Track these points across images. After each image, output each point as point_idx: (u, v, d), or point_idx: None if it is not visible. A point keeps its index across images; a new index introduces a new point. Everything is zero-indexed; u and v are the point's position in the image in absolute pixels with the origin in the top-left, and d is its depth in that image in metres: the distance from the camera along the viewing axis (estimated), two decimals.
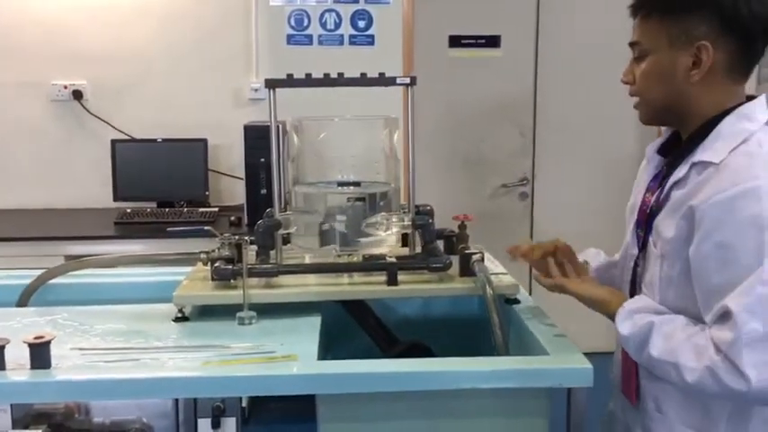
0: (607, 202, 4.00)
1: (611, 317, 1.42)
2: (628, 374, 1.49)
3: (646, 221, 1.43)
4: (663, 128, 1.53)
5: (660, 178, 1.44)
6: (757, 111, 1.35)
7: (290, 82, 1.79)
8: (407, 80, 1.82)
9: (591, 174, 4.08)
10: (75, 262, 2.00)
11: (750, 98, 1.37)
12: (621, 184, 4.42)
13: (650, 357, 1.32)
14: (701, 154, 1.34)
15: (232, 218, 3.40)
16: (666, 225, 1.36)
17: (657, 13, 1.35)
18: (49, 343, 1.40)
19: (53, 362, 1.41)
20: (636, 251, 1.46)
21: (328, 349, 1.77)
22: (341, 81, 1.79)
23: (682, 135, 1.44)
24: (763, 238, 1.22)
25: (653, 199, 1.42)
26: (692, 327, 1.30)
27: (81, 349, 1.53)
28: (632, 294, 1.46)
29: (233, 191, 3.78)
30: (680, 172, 1.36)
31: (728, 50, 1.32)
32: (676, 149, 1.44)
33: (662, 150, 1.49)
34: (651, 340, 1.32)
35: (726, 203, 1.24)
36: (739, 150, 1.30)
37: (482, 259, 1.78)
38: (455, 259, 1.82)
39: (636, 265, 1.46)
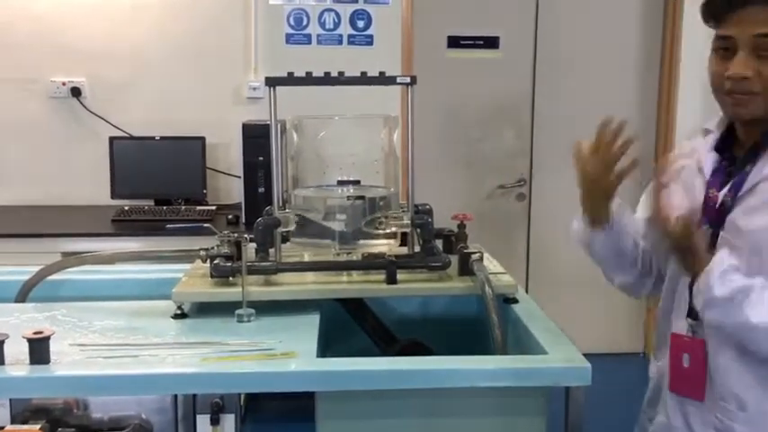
0: None
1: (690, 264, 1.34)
2: (695, 373, 1.41)
3: (717, 217, 1.39)
4: (711, 125, 1.49)
5: (723, 174, 1.42)
6: None
7: (290, 80, 1.79)
8: (408, 79, 1.82)
9: None
10: (74, 258, 1.99)
11: None
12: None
13: (747, 323, 1.27)
14: None
15: (229, 216, 3.40)
16: (757, 218, 1.32)
17: None
18: (48, 338, 1.41)
19: (52, 357, 1.41)
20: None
21: (327, 347, 1.77)
22: (342, 80, 1.79)
23: (750, 132, 1.40)
24: None
25: (721, 195, 1.39)
26: None
27: (80, 345, 1.53)
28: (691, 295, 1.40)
29: (230, 189, 3.78)
30: (766, 166, 1.34)
31: None
32: (731, 144, 1.43)
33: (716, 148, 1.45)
34: (748, 304, 1.27)
35: None
36: None
37: (481, 259, 1.79)
38: (453, 258, 1.82)
39: None
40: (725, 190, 1.40)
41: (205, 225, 1.94)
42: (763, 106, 1.34)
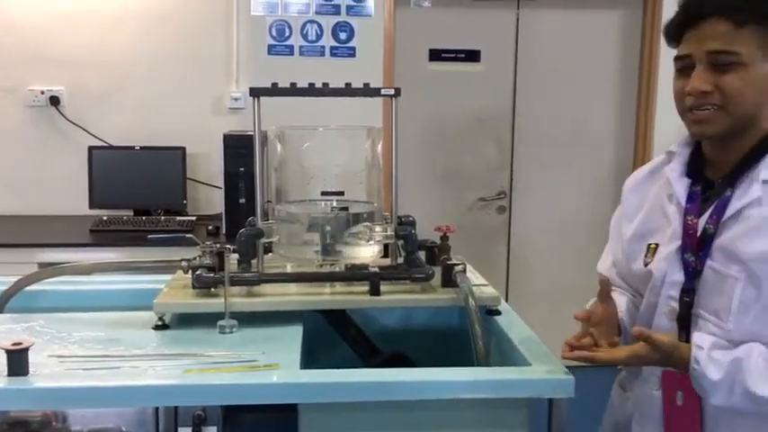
0: (584, 216, 4.06)
1: (675, 364, 1.30)
2: (690, 410, 1.36)
3: (699, 245, 1.35)
4: (678, 147, 1.47)
5: (699, 200, 1.38)
6: None
7: (274, 91, 1.79)
8: (392, 91, 1.83)
9: (568, 188, 4.13)
10: (53, 268, 1.97)
11: None
12: (598, 198, 4.49)
13: (752, 396, 1.24)
14: None
15: (210, 227, 3.38)
16: (753, 244, 1.28)
17: (754, 23, 1.28)
18: (27, 350, 1.38)
19: (31, 369, 1.39)
20: (682, 278, 1.37)
21: (310, 359, 1.76)
22: (326, 91, 1.79)
23: (720, 152, 1.38)
24: None
25: (702, 221, 1.35)
26: None
27: (59, 357, 1.50)
28: (683, 327, 1.37)
29: (211, 200, 3.76)
30: (751, 191, 1.31)
31: None
32: (699, 167, 1.41)
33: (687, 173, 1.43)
34: (747, 377, 1.24)
35: None
36: None
37: (464, 270, 1.79)
38: (437, 270, 1.82)
39: (684, 294, 1.37)
40: (705, 216, 1.36)
41: (187, 235, 1.93)
42: (727, 121, 1.32)
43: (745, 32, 1.28)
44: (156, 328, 1.69)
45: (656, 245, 1.43)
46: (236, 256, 1.80)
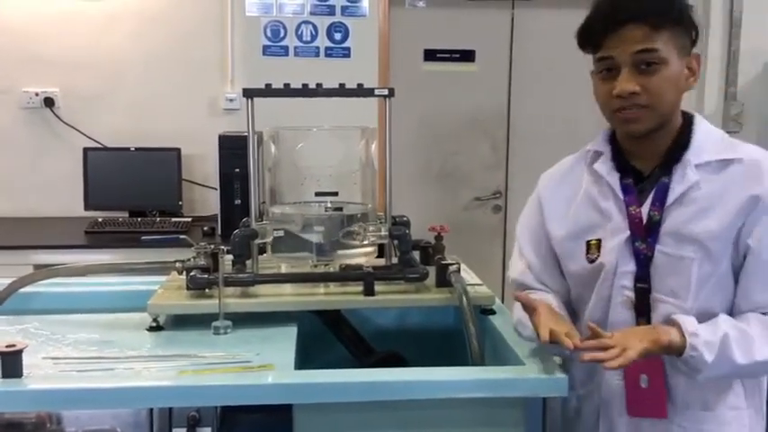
0: None
1: (666, 350, 1.35)
2: (655, 392, 1.44)
3: (647, 233, 1.43)
4: (595, 145, 1.57)
5: (636, 191, 1.46)
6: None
7: (268, 91, 1.79)
8: (386, 91, 1.83)
9: None
10: (47, 270, 1.97)
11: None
12: None
13: (735, 365, 1.34)
14: (698, 156, 1.42)
15: (205, 228, 3.37)
16: (702, 224, 1.38)
17: (670, 24, 1.38)
18: (20, 351, 1.38)
19: (25, 371, 1.39)
20: (634, 267, 1.44)
21: (304, 359, 1.76)
22: (319, 91, 1.80)
23: (643, 145, 1.46)
24: None
25: (645, 210, 1.44)
26: (743, 321, 1.37)
27: (53, 358, 1.51)
28: (641, 313, 1.44)
29: (206, 201, 3.76)
30: (688, 176, 1.41)
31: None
32: (634, 161, 1.49)
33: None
34: (735, 352, 1.34)
35: None
36: (739, 146, 1.44)
37: (458, 270, 1.79)
38: (431, 270, 1.83)
39: (638, 281, 1.44)
40: (647, 204, 1.44)
41: (181, 237, 1.92)
42: (654, 119, 1.42)
43: (662, 35, 1.38)
44: (151, 329, 1.69)
45: (598, 240, 1.48)
46: (230, 257, 1.80)
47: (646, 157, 1.48)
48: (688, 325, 1.35)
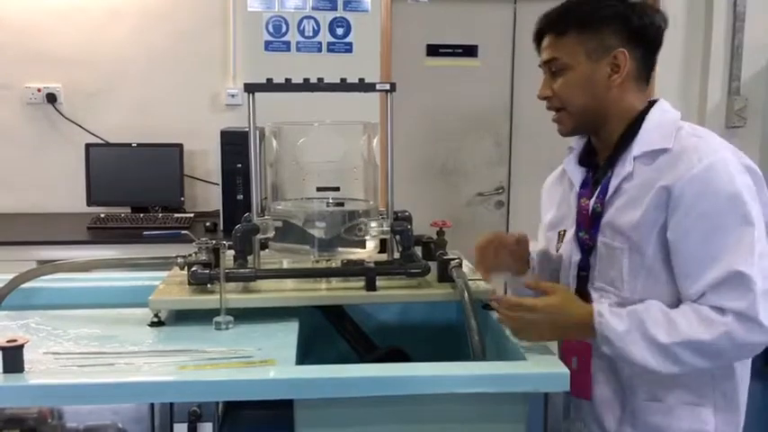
0: None
1: (579, 325, 1.44)
2: (583, 375, 1.53)
3: (590, 224, 1.50)
4: (574, 141, 1.65)
5: (591, 184, 1.55)
6: (669, 106, 1.53)
7: (269, 87, 1.78)
8: (387, 86, 1.82)
9: None
10: (48, 265, 1.96)
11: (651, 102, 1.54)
12: None
13: (659, 344, 1.35)
14: (639, 147, 1.46)
15: (207, 223, 3.38)
16: (628, 215, 1.44)
17: (574, 30, 1.48)
18: (22, 347, 1.38)
19: (26, 366, 1.38)
20: (579, 256, 1.54)
21: (306, 355, 1.76)
22: (321, 86, 1.79)
23: (598, 141, 1.56)
24: (741, 200, 1.34)
25: (592, 202, 1.52)
26: (674, 308, 1.40)
27: (54, 353, 1.50)
28: (585, 302, 1.51)
29: (208, 196, 3.76)
30: (625, 168, 1.47)
31: (636, 58, 1.49)
32: (592, 156, 1.58)
33: (581, 162, 1.61)
34: (650, 327, 1.36)
35: (701, 177, 1.36)
36: (682, 136, 1.44)
37: (460, 265, 1.79)
38: (433, 265, 1.82)
39: (580, 269, 1.54)
40: (594, 197, 1.52)
41: (183, 232, 1.92)
42: (571, 119, 1.52)
43: (567, 40, 1.49)
44: (152, 324, 1.69)
45: (564, 231, 1.62)
46: (232, 252, 1.80)
47: (603, 152, 1.55)
48: (596, 301, 1.46)
